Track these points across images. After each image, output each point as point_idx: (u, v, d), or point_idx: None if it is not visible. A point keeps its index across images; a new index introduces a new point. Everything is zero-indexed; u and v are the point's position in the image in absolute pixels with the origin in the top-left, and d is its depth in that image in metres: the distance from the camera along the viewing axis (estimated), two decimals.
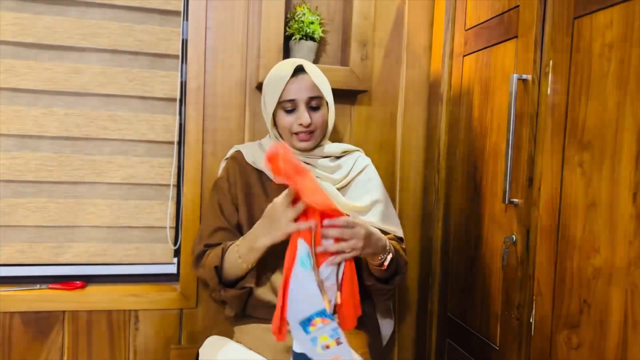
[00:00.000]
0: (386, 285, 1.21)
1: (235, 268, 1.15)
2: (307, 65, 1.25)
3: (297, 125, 1.23)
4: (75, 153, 1.48)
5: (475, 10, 1.42)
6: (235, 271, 1.16)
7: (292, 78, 1.23)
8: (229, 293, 1.18)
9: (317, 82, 1.24)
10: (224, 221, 1.25)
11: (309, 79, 1.24)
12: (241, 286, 1.18)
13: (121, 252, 1.53)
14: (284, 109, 1.24)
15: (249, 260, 1.13)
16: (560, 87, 1.06)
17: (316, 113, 1.25)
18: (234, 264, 1.15)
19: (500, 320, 1.25)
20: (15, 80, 1.43)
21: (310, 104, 1.24)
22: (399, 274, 1.22)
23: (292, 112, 1.24)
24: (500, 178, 1.27)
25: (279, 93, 1.22)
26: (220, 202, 1.27)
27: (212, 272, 1.16)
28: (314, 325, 0.95)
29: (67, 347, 1.48)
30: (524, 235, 1.16)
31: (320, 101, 1.26)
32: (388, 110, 1.69)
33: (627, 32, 0.90)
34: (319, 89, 1.25)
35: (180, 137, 1.56)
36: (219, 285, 1.18)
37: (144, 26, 1.50)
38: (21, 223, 1.45)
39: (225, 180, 1.29)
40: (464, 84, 1.47)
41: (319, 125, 1.26)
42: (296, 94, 1.23)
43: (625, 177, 0.89)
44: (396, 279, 1.22)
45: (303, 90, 1.23)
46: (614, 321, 0.91)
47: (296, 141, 1.26)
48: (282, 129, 1.26)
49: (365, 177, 1.33)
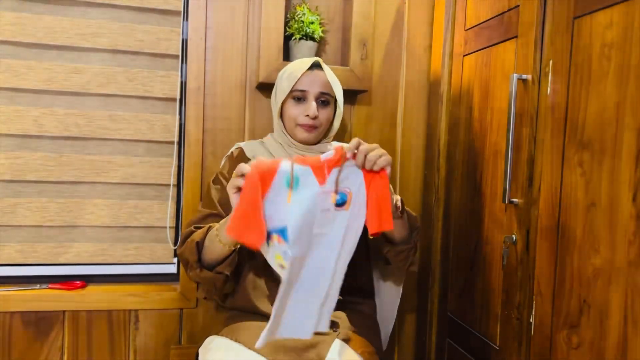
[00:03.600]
0: (406, 245, 1.20)
1: (215, 247, 1.13)
2: (323, 64, 1.30)
3: (303, 116, 1.25)
4: (75, 153, 1.48)
5: (475, 10, 1.42)
6: (213, 248, 1.14)
7: (307, 71, 1.26)
8: (204, 274, 1.17)
9: (331, 80, 1.28)
10: (218, 209, 1.25)
11: (323, 75, 1.28)
12: (217, 271, 1.17)
13: (121, 252, 1.53)
14: (293, 99, 1.27)
15: (224, 239, 1.10)
16: (560, 87, 1.06)
17: (324, 109, 1.28)
18: (213, 241, 1.13)
19: (500, 320, 1.25)
20: (15, 80, 1.43)
21: (320, 99, 1.27)
22: (413, 229, 1.22)
23: (301, 103, 1.26)
24: (500, 178, 1.27)
25: (293, 82, 1.25)
26: (215, 193, 1.28)
27: (193, 246, 1.15)
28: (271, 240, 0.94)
29: (67, 347, 1.48)
30: (524, 235, 1.16)
31: (330, 99, 1.29)
32: (388, 110, 1.69)
33: (627, 32, 0.90)
34: (331, 87, 1.28)
35: (180, 137, 1.56)
36: (197, 263, 1.17)
37: (144, 26, 1.50)
38: (21, 223, 1.45)
39: (225, 175, 1.30)
40: (464, 84, 1.47)
41: (323, 122, 1.28)
42: (309, 86, 1.26)
43: (625, 177, 0.89)
44: (414, 234, 1.21)
45: (316, 84, 1.26)
46: (614, 321, 0.91)
47: (299, 132, 1.27)
48: (288, 119, 1.28)
49: None
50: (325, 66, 1.30)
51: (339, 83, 1.32)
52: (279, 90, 1.29)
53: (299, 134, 1.28)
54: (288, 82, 1.26)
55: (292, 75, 1.26)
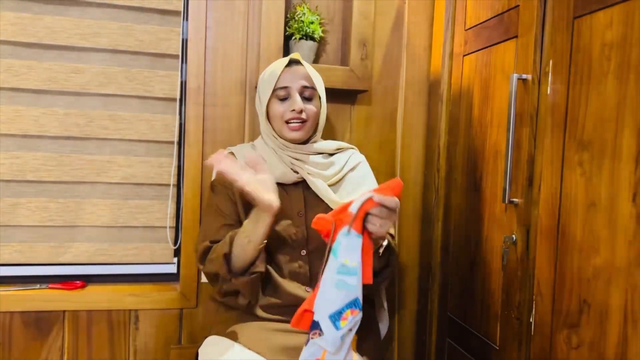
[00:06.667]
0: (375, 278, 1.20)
1: (245, 251, 1.13)
2: (301, 60, 1.30)
3: (289, 112, 1.25)
4: (75, 153, 1.48)
5: (475, 10, 1.42)
6: (244, 255, 1.14)
7: (286, 68, 1.27)
8: (240, 280, 1.16)
9: (312, 74, 1.29)
10: (227, 218, 1.25)
11: (303, 69, 1.28)
12: (252, 272, 1.16)
13: (121, 251, 1.53)
14: (277, 97, 1.26)
15: (256, 239, 1.11)
16: (560, 87, 1.06)
17: (309, 104, 1.27)
18: (244, 247, 1.13)
19: (500, 320, 1.25)
20: (15, 80, 1.43)
21: (304, 93, 1.27)
22: (389, 265, 1.22)
23: (285, 101, 1.26)
24: (500, 178, 1.27)
25: (274, 81, 1.25)
26: (219, 202, 1.27)
27: (220, 260, 1.14)
28: (344, 320, 0.91)
29: (67, 347, 1.48)
30: (524, 235, 1.16)
31: (313, 93, 1.28)
32: (388, 110, 1.69)
33: (627, 32, 0.90)
34: (312, 80, 1.28)
35: (180, 137, 1.56)
36: (229, 274, 1.16)
37: (144, 26, 1.50)
38: (21, 223, 1.45)
39: (221, 181, 1.29)
40: (464, 84, 1.47)
41: (311, 116, 1.27)
42: (290, 82, 1.26)
43: (625, 177, 0.89)
44: (386, 271, 1.21)
45: (297, 79, 1.26)
46: (614, 321, 0.91)
47: (287, 131, 1.26)
48: (274, 118, 1.27)
49: (359, 173, 1.33)
50: (303, 61, 1.30)
51: (320, 77, 1.32)
52: (262, 92, 1.29)
53: (288, 133, 1.27)
54: (269, 82, 1.26)
55: (272, 74, 1.26)
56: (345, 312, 0.91)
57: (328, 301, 0.91)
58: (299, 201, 1.27)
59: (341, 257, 0.91)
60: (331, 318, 0.90)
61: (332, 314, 0.90)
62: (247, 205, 1.26)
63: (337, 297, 0.90)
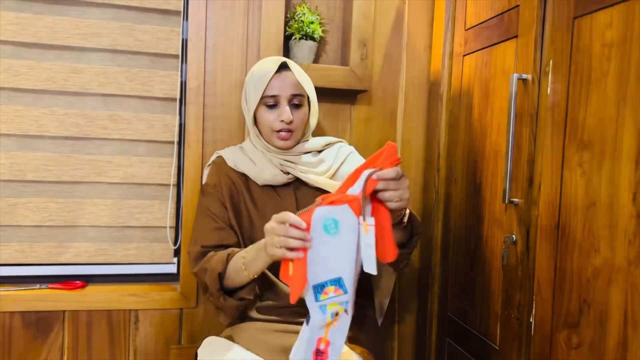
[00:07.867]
0: (405, 249, 1.20)
1: (239, 277, 1.14)
2: (290, 63, 1.27)
3: (278, 122, 1.24)
4: (75, 153, 1.48)
5: (475, 10, 1.42)
6: (237, 278, 1.15)
7: (275, 74, 1.24)
8: (228, 303, 1.17)
9: (301, 80, 1.25)
10: (218, 221, 1.25)
11: (292, 76, 1.25)
12: (239, 297, 1.17)
13: (121, 252, 1.53)
14: (265, 105, 1.24)
15: (252, 271, 1.11)
16: (560, 87, 1.06)
17: (298, 111, 1.26)
18: (238, 272, 1.14)
19: (500, 320, 1.25)
20: (15, 80, 1.43)
21: (293, 101, 1.25)
22: (415, 234, 1.21)
23: (274, 109, 1.24)
24: (500, 178, 1.27)
25: (262, 89, 1.23)
26: (209, 205, 1.27)
27: (215, 277, 1.15)
28: (325, 294, 0.92)
29: (67, 347, 1.48)
30: (524, 235, 1.16)
31: (302, 99, 1.27)
32: (388, 110, 1.69)
33: (627, 32, 0.90)
34: (302, 87, 1.26)
35: (180, 137, 1.56)
36: (219, 291, 1.17)
37: (144, 26, 1.50)
38: (21, 223, 1.45)
39: (212, 185, 1.29)
40: (464, 84, 1.47)
41: (299, 124, 1.26)
42: (279, 90, 1.23)
43: (625, 177, 0.89)
44: (414, 240, 1.21)
45: (286, 87, 1.24)
46: (614, 321, 0.91)
47: (276, 139, 1.26)
48: (263, 126, 1.26)
49: (350, 166, 1.32)
50: (293, 65, 1.27)
51: (310, 80, 1.30)
52: (249, 95, 1.26)
53: (277, 142, 1.26)
54: (257, 88, 1.23)
55: (261, 80, 1.23)
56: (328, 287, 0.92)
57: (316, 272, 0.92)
58: (291, 202, 1.27)
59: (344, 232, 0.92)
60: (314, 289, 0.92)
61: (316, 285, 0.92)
62: (237, 211, 1.27)
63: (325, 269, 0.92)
